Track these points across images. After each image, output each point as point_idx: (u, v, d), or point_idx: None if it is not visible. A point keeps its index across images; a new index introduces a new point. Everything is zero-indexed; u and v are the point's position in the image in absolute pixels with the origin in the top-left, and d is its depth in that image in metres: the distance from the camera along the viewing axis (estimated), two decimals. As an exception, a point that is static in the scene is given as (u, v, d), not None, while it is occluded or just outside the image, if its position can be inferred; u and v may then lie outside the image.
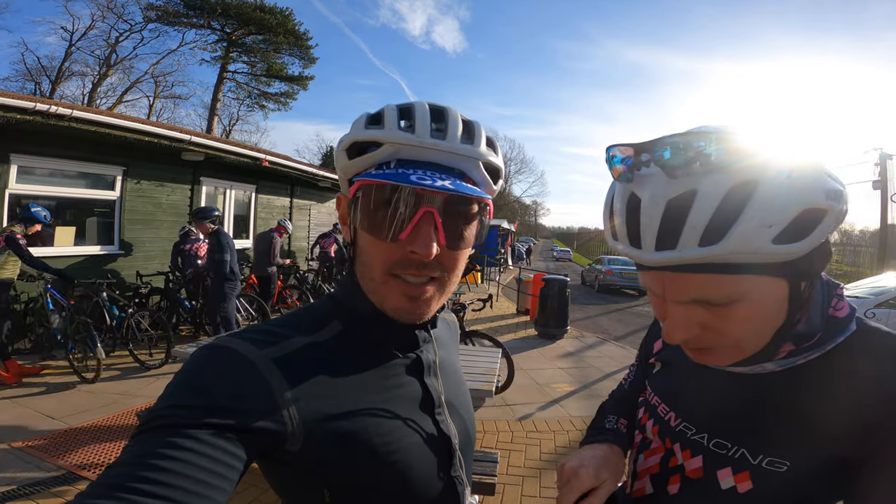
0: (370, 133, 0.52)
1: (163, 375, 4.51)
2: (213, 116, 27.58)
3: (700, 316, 0.52)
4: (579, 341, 6.94)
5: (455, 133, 0.52)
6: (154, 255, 6.25)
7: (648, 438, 0.72)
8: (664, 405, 0.70)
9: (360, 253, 0.56)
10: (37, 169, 5.08)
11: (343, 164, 0.55)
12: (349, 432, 0.51)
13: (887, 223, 7.40)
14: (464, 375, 0.75)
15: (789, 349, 0.55)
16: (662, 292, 0.54)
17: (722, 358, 0.56)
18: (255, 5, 24.65)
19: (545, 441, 3.41)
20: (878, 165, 7.26)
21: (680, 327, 0.53)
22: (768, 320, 0.52)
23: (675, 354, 0.73)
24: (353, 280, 0.59)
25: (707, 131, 0.47)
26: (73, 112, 4.52)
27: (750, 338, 0.53)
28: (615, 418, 0.83)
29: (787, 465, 0.55)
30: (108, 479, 0.38)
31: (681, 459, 0.65)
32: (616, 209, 0.54)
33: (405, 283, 0.53)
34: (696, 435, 0.63)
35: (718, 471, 0.59)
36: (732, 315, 0.50)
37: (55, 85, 23.01)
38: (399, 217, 0.50)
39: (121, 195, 5.83)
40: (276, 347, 0.51)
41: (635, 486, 0.73)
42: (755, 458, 0.56)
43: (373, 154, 0.52)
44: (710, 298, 0.50)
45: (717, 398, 0.63)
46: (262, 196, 8.29)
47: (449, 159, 0.53)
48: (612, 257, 17.21)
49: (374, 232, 0.52)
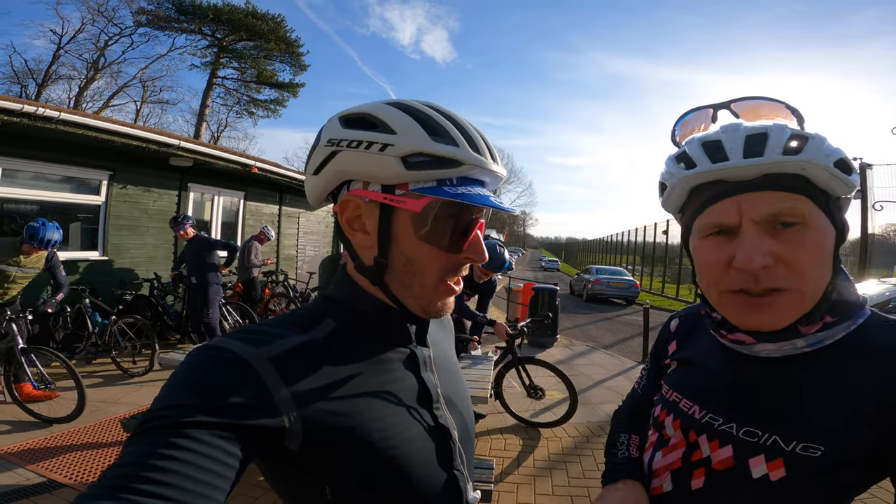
0: (443, 149, 0.52)
1: (147, 383, 4.42)
2: (201, 122, 27.36)
3: (774, 245, 0.54)
4: (569, 349, 6.97)
5: (496, 154, 0.57)
6: (139, 261, 6.14)
7: (667, 435, 0.72)
8: (686, 400, 0.70)
9: (409, 262, 0.55)
10: (21, 172, 4.98)
11: (392, 172, 0.52)
12: (348, 428, 0.51)
13: (867, 232, 7.58)
14: (461, 372, 0.74)
15: (826, 320, 0.58)
16: (738, 217, 0.56)
17: (781, 309, 0.56)
18: (246, 11, 24.61)
19: (539, 448, 3.41)
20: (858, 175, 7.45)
21: (757, 251, 0.54)
22: (826, 263, 0.56)
23: (695, 352, 0.74)
24: (351, 278, 0.60)
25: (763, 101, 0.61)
26: (60, 115, 4.45)
27: (812, 279, 0.55)
28: (626, 438, 0.84)
29: (821, 451, 0.55)
30: (108, 480, 0.38)
31: (707, 452, 0.64)
32: (691, 148, 0.60)
33: (449, 286, 0.58)
34: (724, 425, 0.63)
35: (750, 459, 0.59)
36: (802, 243, 0.54)
37: (41, 88, 22.69)
38: (464, 230, 0.56)
39: (106, 200, 5.72)
40: (270, 346, 0.50)
41: (653, 485, 0.72)
42: (788, 444, 0.57)
43: (445, 170, 0.53)
44: (785, 213, 0.54)
45: (743, 387, 0.63)
46: (250, 203, 8.21)
47: (488, 176, 0.57)
48: (601, 267, 17.41)
49: (440, 244, 0.55)
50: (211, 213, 7.43)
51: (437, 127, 0.53)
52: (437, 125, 0.53)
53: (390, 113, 0.54)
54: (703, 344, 0.72)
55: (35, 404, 3.51)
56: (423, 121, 0.53)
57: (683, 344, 0.78)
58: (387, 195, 0.53)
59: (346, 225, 0.58)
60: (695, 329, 0.77)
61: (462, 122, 0.56)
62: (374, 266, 0.57)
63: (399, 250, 0.55)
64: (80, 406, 3.40)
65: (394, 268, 0.56)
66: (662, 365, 0.82)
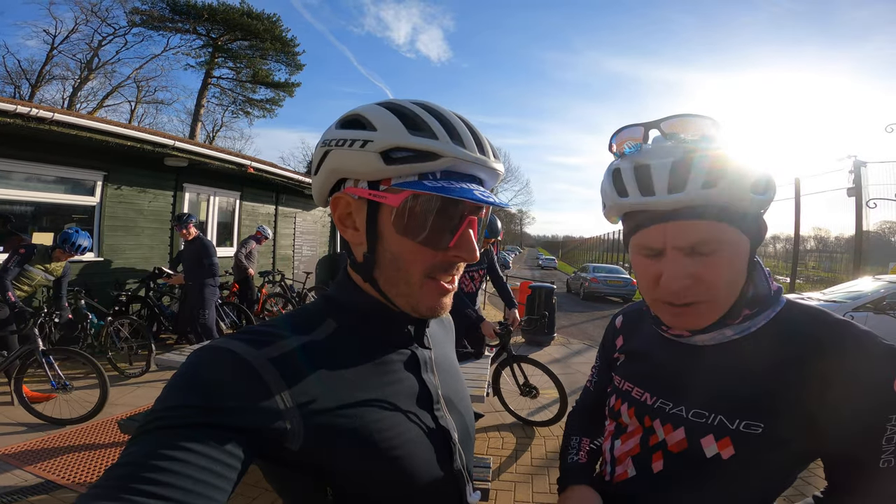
0: (421, 142, 0.51)
1: (144, 384, 4.40)
2: (196, 122, 27.20)
3: (691, 266, 0.62)
4: (566, 348, 6.98)
5: (488, 148, 0.56)
6: (135, 262, 6.11)
7: (624, 423, 0.77)
8: (637, 388, 0.76)
9: (394, 258, 0.55)
10: (14, 173, 4.94)
11: (373, 168, 0.52)
12: (349, 429, 0.51)
13: (862, 230, 7.62)
14: (461, 372, 0.75)
15: (745, 313, 0.66)
16: (663, 244, 0.63)
17: (700, 317, 0.65)
18: (242, 11, 24.52)
19: (536, 447, 3.42)
20: (853, 173, 7.48)
21: (677, 276, 0.62)
22: (739, 272, 0.63)
23: (641, 343, 0.80)
24: (351, 279, 0.60)
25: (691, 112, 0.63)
26: (54, 115, 4.42)
27: (725, 288, 0.63)
28: (577, 441, 0.90)
29: (761, 427, 0.61)
30: (109, 480, 0.38)
31: (662, 435, 0.69)
32: (625, 174, 0.65)
33: (441, 284, 0.56)
34: (675, 408, 0.69)
35: (701, 439, 0.64)
36: (716, 263, 0.61)
37: (35, 88, 22.51)
38: (450, 226, 0.54)
39: (101, 201, 5.70)
40: (272, 347, 0.51)
41: (616, 472, 0.76)
42: (732, 423, 0.63)
43: (427, 164, 0.51)
44: (704, 241, 0.61)
45: (687, 372, 0.69)
46: (246, 203, 8.18)
47: (481, 172, 0.56)
48: (598, 265, 17.44)
49: (422, 239, 0.53)
50: (207, 214, 7.40)
51: (418, 121, 0.53)
52: (418, 120, 0.53)
53: (375, 111, 0.54)
54: (647, 336, 0.79)
55: (40, 406, 3.54)
56: (405, 116, 0.53)
57: (629, 337, 0.85)
58: (371, 191, 0.54)
59: (339, 222, 0.58)
60: (638, 323, 0.85)
61: (449, 117, 0.55)
62: (364, 263, 0.57)
63: (384, 247, 0.55)
64: (99, 406, 3.45)
65: (381, 264, 0.56)
66: (612, 359, 0.88)
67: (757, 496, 0.64)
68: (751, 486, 0.63)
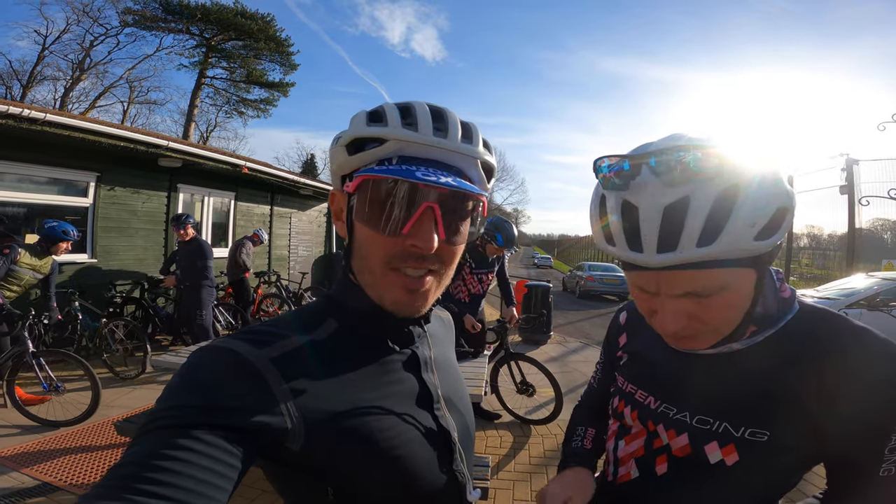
0: (373, 130, 0.53)
1: (139, 386, 4.37)
2: (189, 122, 27.03)
3: (688, 307, 0.58)
4: (563, 346, 7.00)
5: (455, 132, 0.54)
6: (129, 263, 6.07)
7: (627, 424, 0.76)
8: (641, 391, 0.74)
9: (359, 247, 0.56)
10: (6, 174, 4.89)
11: (341, 161, 0.55)
12: (350, 428, 0.51)
13: (855, 227, 7.68)
14: (461, 372, 0.75)
15: (752, 330, 0.63)
16: (657, 289, 0.59)
17: (701, 343, 0.63)
18: (235, 10, 24.35)
19: (534, 445, 3.43)
20: (845, 170, 7.54)
21: (672, 320, 0.59)
22: (742, 306, 0.59)
23: (644, 344, 0.78)
24: (350, 277, 0.60)
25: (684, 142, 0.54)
26: (46, 116, 4.38)
27: (727, 322, 0.60)
28: (583, 430, 0.89)
29: (767, 435, 0.60)
30: (111, 480, 0.38)
31: (666, 440, 0.68)
32: (611, 216, 0.59)
33: (405, 277, 0.54)
34: (679, 414, 0.67)
35: (705, 446, 0.63)
36: (716, 304, 0.57)
37: (26, 89, 22.28)
38: (402, 211, 0.51)
39: (94, 202, 5.65)
40: (273, 347, 0.51)
41: (620, 473, 0.75)
42: (738, 430, 0.61)
43: (375, 150, 0.53)
44: (701, 290, 0.56)
45: (692, 379, 0.68)
46: (241, 204, 8.14)
47: (449, 157, 0.54)
48: (593, 263, 17.47)
49: (374, 226, 0.52)
50: (201, 214, 7.35)
51: (380, 113, 0.54)
52: (381, 112, 0.54)
53: (358, 112, 0.57)
54: (651, 336, 0.75)
55: (34, 408, 3.50)
56: (375, 112, 0.55)
57: (633, 336, 0.83)
58: (345, 183, 0.56)
59: (334, 217, 0.61)
60: (642, 321, 0.79)
61: (415, 107, 0.54)
62: (345, 254, 0.59)
63: (355, 236, 0.56)
64: (92, 408, 3.42)
65: (354, 254, 0.57)
66: (615, 357, 0.86)
67: (760, 498, 0.64)
68: (754, 490, 0.63)
